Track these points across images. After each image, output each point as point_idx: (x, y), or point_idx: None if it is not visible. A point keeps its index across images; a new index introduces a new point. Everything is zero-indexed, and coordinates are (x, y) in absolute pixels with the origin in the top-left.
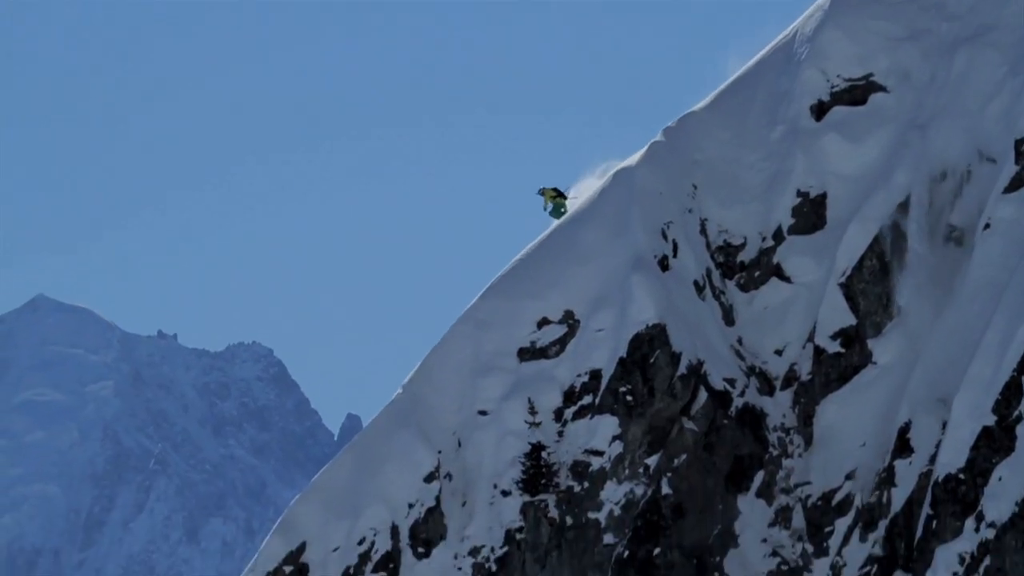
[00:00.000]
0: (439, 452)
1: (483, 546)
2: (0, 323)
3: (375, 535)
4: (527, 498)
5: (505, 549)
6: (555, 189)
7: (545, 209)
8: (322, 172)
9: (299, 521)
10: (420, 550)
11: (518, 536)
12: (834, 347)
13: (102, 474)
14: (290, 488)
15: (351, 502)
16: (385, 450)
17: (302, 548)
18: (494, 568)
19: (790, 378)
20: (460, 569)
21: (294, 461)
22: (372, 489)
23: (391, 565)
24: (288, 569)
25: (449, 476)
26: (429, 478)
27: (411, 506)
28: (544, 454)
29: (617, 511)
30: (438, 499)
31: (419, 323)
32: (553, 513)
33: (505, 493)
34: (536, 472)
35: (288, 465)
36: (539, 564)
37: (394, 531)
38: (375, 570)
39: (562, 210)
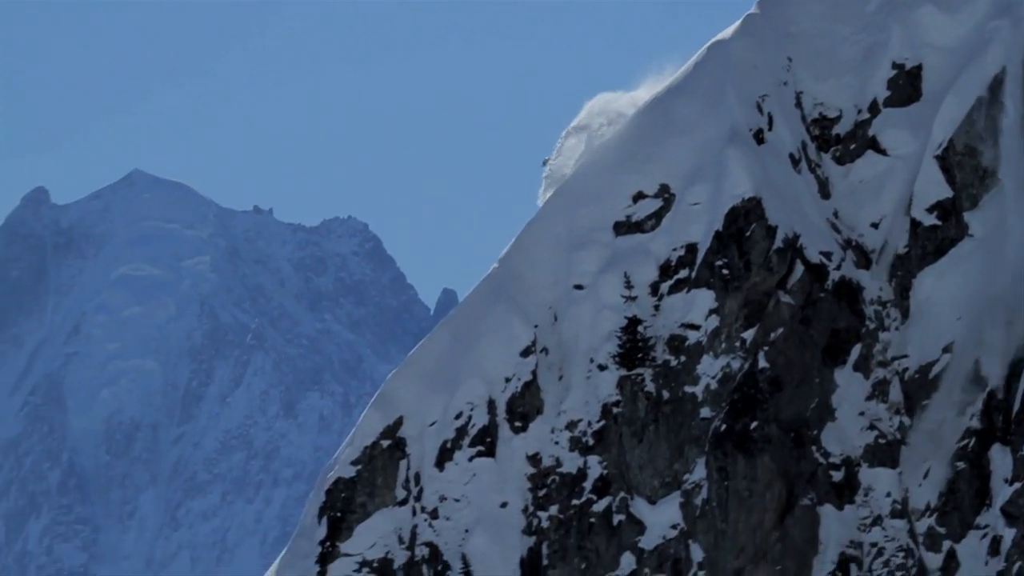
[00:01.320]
0: (535, 326)
1: (580, 420)
2: (96, 198)
3: (472, 409)
4: (623, 372)
5: (602, 423)
6: None
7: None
8: (418, 41)
9: (396, 396)
10: (517, 424)
11: (615, 410)
12: (930, 220)
13: (199, 349)
14: (386, 363)
15: (447, 376)
16: (481, 324)
17: (399, 423)
18: (591, 442)
19: (886, 251)
20: (557, 443)
21: (390, 336)
22: (468, 363)
23: (488, 439)
24: (385, 443)
25: (545, 350)
26: (525, 352)
27: (508, 380)
28: (640, 328)
29: (714, 385)
30: (534, 373)
31: (515, 197)
32: (650, 387)
33: (602, 367)
34: (632, 346)
35: (384, 340)
36: (636, 438)
37: (491, 405)
38: (472, 444)
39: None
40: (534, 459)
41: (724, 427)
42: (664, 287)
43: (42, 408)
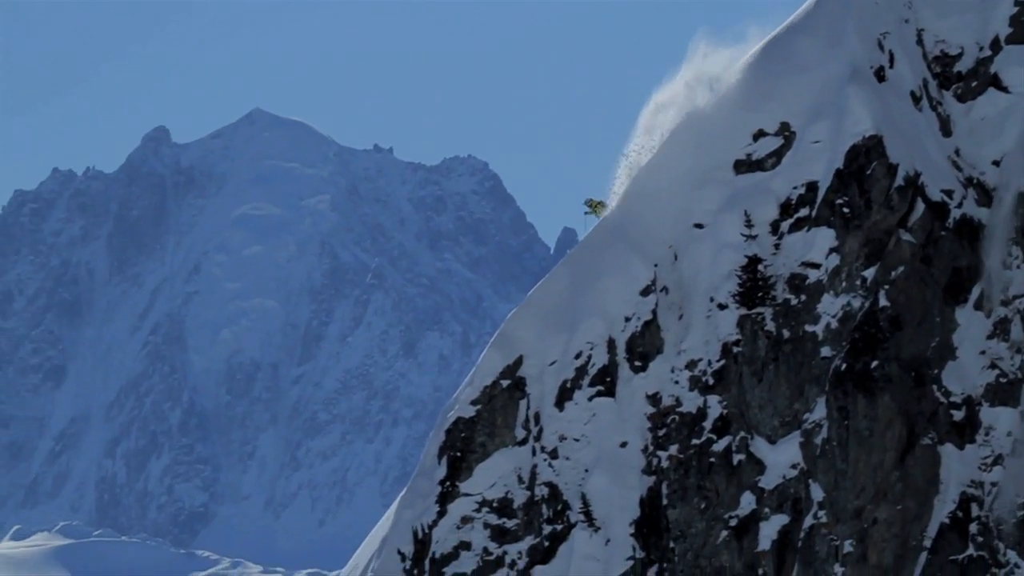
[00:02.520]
0: (655, 265)
1: (700, 359)
2: (217, 137)
3: (592, 349)
4: (743, 311)
5: (722, 362)
6: (603, 203)
7: (593, 216)
8: None
9: (516, 335)
10: (637, 363)
11: (735, 350)
12: None
13: (319, 288)
14: (506, 302)
15: (567, 316)
16: (601, 264)
17: (519, 362)
18: (711, 381)
19: (1008, 189)
20: (677, 383)
21: (510, 275)
22: (588, 303)
23: (607, 379)
24: (505, 383)
25: (665, 289)
26: (645, 291)
27: (627, 320)
28: (760, 267)
29: (834, 324)
30: (654, 312)
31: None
32: (770, 326)
33: (721, 306)
34: (752, 285)
35: (504, 279)
36: (756, 377)
37: (611, 345)
38: (591, 384)
39: None
40: (654, 399)
41: (844, 366)
42: (784, 226)
43: (163, 348)
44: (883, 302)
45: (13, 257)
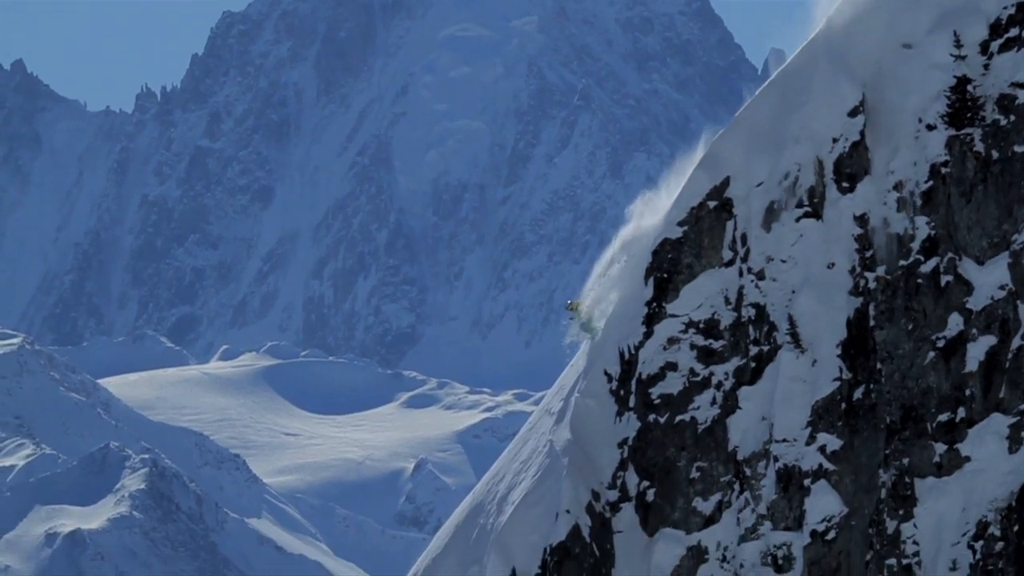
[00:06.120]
0: (863, 86)
1: (907, 180)
2: None
3: (798, 170)
4: (952, 132)
5: (930, 183)
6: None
7: (575, 321)
8: None
9: (723, 156)
10: (844, 185)
11: (943, 171)
12: None
13: (526, 109)
14: (713, 123)
15: (774, 137)
16: (808, 84)
17: (725, 183)
18: (918, 203)
19: None
20: (885, 204)
21: (717, 96)
22: (796, 124)
23: (815, 200)
24: (712, 204)
25: (873, 110)
26: (853, 112)
27: (835, 141)
28: (970, 87)
29: None
30: (862, 133)
31: None
32: (979, 147)
33: (930, 127)
34: (961, 106)
35: (711, 100)
36: (964, 198)
37: (818, 166)
38: (799, 205)
39: (594, 325)
40: (861, 220)
41: None
42: (994, 45)
43: (370, 169)
44: None
45: (222, 79)
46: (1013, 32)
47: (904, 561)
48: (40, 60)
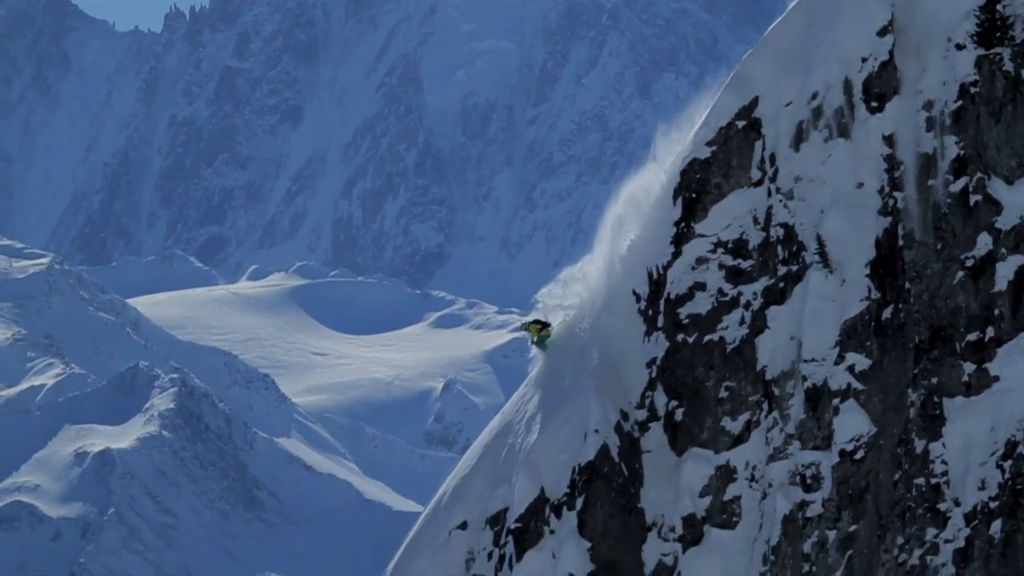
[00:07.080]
0: (892, 5)
1: (936, 100)
2: None
3: (827, 90)
4: (981, 51)
5: (959, 103)
6: (538, 321)
7: (532, 342)
8: None
9: (751, 76)
10: (873, 104)
11: (972, 90)
12: None
13: (555, 29)
14: (742, 43)
15: (803, 57)
16: (837, 4)
17: (754, 103)
18: (948, 122)
19: None
20: (914, 124)
21: (746, 16)
22: (824, 44)
23: (843, 120)
24: (740, 124)
25: (902, 29)
26: (882, 32)
27: (864, 60)
28: (999, 7)
29: None
30: (891, 53)
31: None
32: (1008, 67)
33: (959, 47)
34: (991, 25)
35: (740, 20)
36: (993, 118)
37: (847, 86)
38: (827, 125)
39: (547, 341)
40: (890, 140)
41: None
42: None
43: (398, 89)
44: None
45: None
46: None
47: (932, 480)
48: None
